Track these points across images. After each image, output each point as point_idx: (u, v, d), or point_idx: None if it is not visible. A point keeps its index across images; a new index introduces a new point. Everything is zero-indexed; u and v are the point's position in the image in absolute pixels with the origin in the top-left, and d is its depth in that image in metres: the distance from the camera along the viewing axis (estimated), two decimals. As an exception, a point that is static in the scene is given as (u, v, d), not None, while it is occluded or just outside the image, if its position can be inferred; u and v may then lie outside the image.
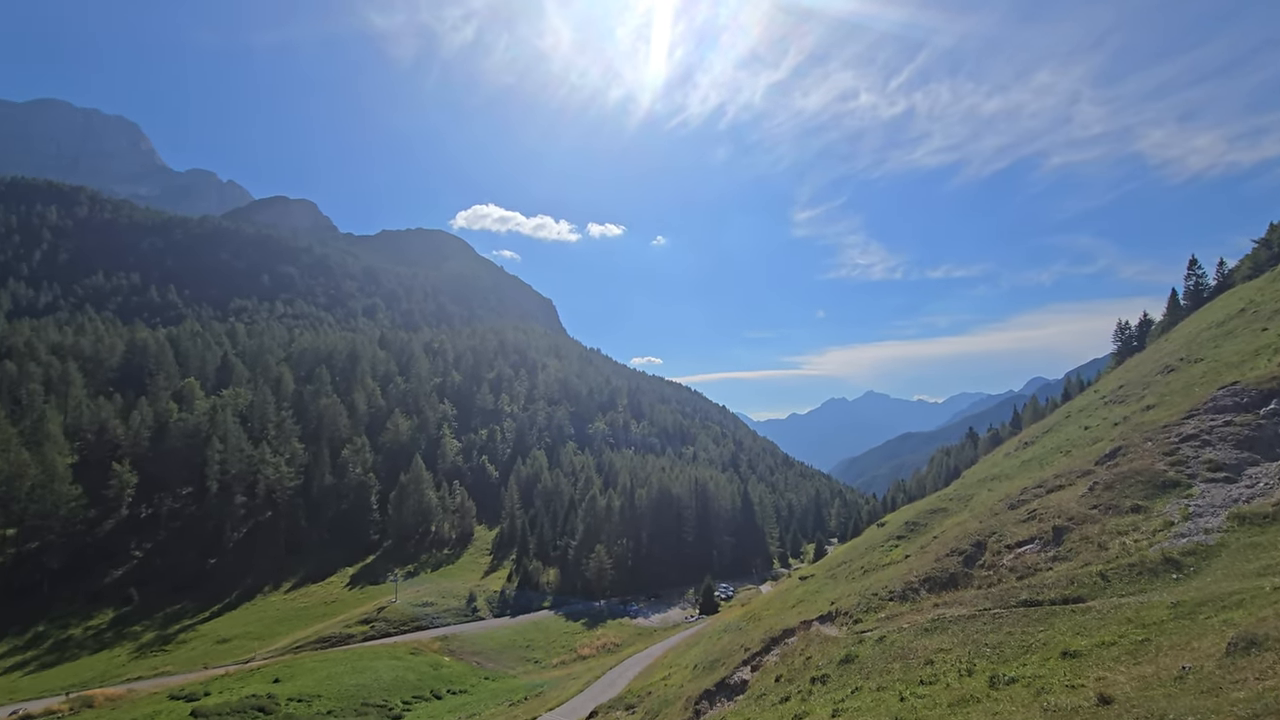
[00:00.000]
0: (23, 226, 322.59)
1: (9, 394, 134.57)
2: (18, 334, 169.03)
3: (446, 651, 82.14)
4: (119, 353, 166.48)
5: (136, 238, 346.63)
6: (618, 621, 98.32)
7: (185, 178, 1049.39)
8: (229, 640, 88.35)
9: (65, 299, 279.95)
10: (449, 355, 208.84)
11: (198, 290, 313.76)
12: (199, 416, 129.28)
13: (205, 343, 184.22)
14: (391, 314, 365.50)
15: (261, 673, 69.79)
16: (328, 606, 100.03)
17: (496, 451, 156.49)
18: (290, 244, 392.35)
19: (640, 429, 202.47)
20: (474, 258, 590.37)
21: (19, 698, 72.26)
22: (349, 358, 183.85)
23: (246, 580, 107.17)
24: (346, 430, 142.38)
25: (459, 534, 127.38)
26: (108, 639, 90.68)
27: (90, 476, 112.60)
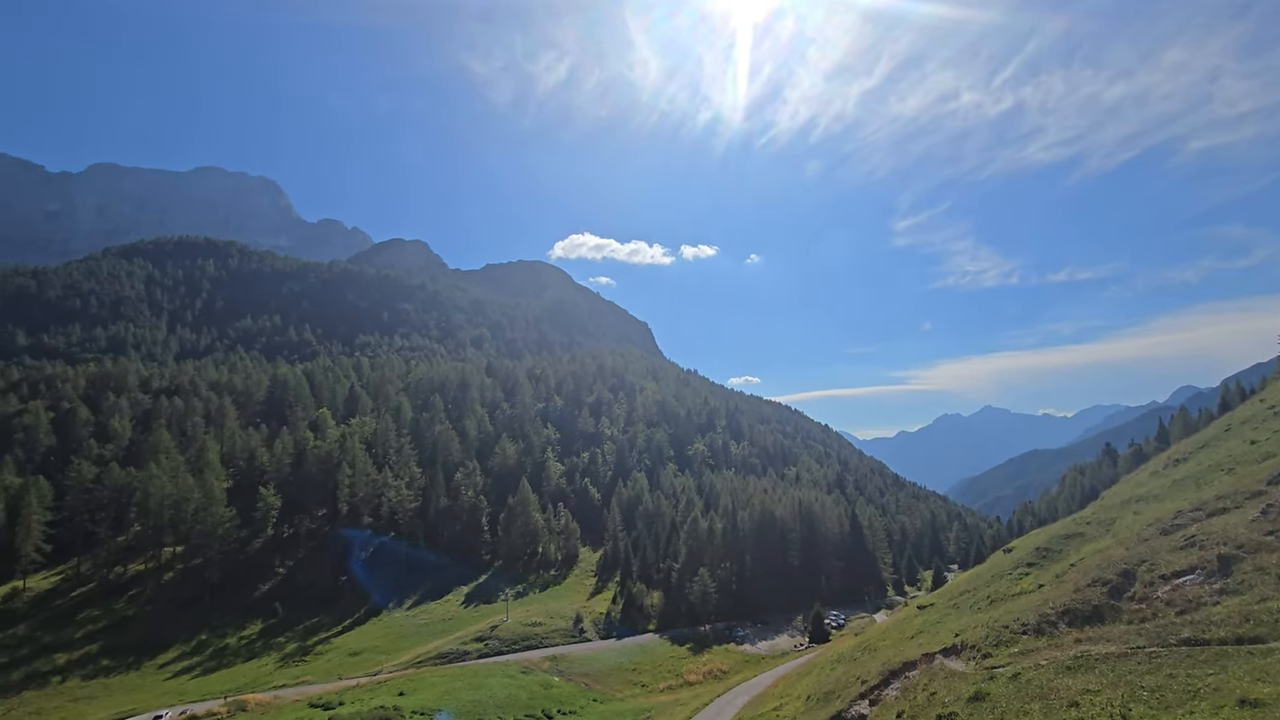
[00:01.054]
0: (187, 279, 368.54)
1: (177, 426, 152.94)
2: (184, 374, 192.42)
3: (556, 671, 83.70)
4: (264, 387, 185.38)
5: (277, 284, 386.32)
6: (723, 647, 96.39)
7: (317, 227, 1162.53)
8: (359, 653, 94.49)
9: (220, 341, 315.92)
10: (550, 381, 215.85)
11: (328, 328, 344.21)
12: (331, 444, 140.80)
13: (335, 376, 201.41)
14: (497, 343, 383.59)
15: (388, 685, 74.07)
16: (445, 624, 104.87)
17: (598, 474, 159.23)
18: (406, 282, 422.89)
19: (740, 450, 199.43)
20: (571, 285, 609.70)
21: (186, 699, 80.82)
22: (459, 386, 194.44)
23: (374, 597, 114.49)
24: (459, 455, 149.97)
25: (564, 555, 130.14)
26: (257, 648, 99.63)
27: (241, 499, 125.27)
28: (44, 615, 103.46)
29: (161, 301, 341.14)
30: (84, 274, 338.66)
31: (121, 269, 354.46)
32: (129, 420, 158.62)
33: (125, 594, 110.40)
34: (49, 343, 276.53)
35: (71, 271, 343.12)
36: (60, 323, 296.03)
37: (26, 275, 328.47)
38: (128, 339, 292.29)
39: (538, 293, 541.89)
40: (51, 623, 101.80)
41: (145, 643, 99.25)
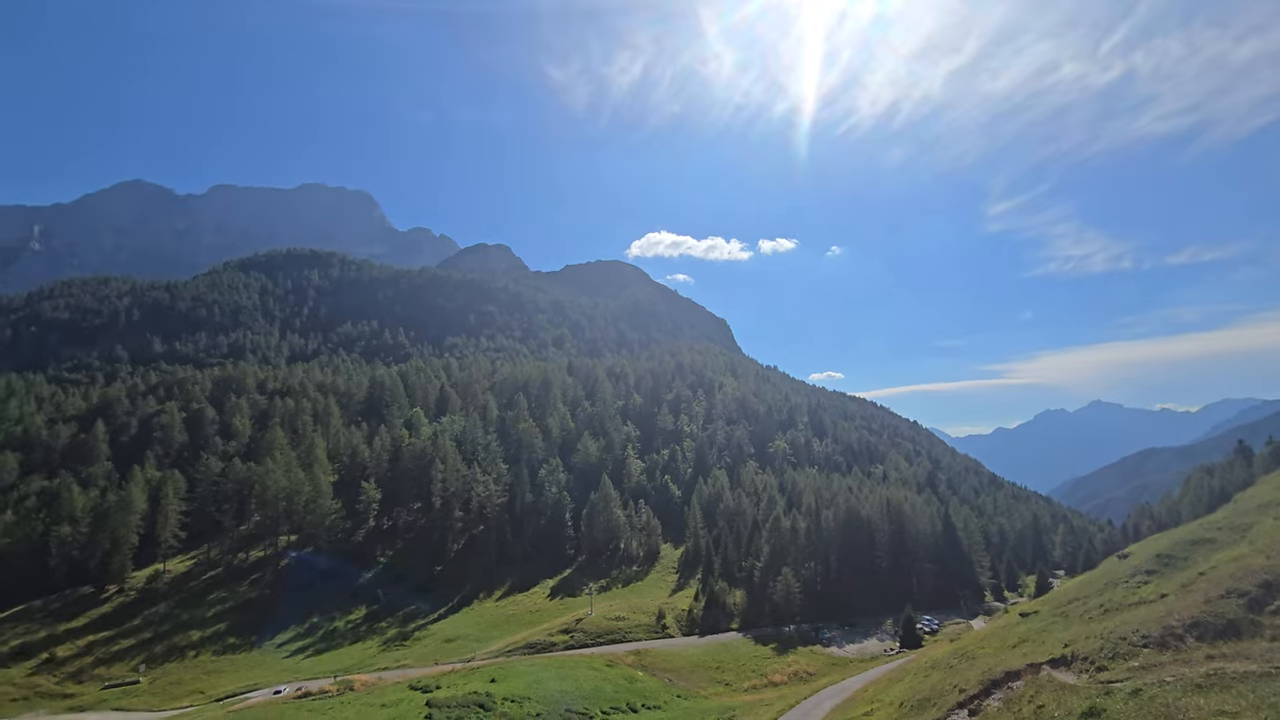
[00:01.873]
0: (295, 288, 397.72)
1: (289, 425, 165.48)
2: (294, 376, 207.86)
3: (639, 666, 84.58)
4: (364, 388, 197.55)
5: (374, 290, 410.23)
6: (809, 649, 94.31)
7: (408, 236, 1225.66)
8: (454, 640, 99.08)
9: (325, 345, 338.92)
10: (630, 379, 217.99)
11: (420, 331, 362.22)
12: (424, 441, 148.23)
13: (427, 376, 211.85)
14: (577, 342, 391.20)
15: (481, 672, 77.24)
16: (533, 615, 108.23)
17: (678, 471, 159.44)
18: (490, 285, 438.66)
19: (823, 447, 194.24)
20: (649, 284, 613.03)
21: (301, 677, 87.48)
22: (542, 385, 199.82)
23: (465, 587, 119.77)
24: (542, 452, 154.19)
25: (646, 551, 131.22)
26: (362, 632, 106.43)
27: (346, 493, 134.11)
28: (181, 595, 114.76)
29: (274, 310, 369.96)
30: (208, 286, 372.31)
31: (239, 281, 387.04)
32: (248, 419, 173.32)
33: (248, 578, 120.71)
34: (180, 349, 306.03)
35: (198, 284, 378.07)
36: (190, 331, 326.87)
37: (161, 289, 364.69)
38: (246, 345, 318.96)
39: (616, 292, 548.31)
40: (187, 602, 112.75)
41: (266, 623, 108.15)
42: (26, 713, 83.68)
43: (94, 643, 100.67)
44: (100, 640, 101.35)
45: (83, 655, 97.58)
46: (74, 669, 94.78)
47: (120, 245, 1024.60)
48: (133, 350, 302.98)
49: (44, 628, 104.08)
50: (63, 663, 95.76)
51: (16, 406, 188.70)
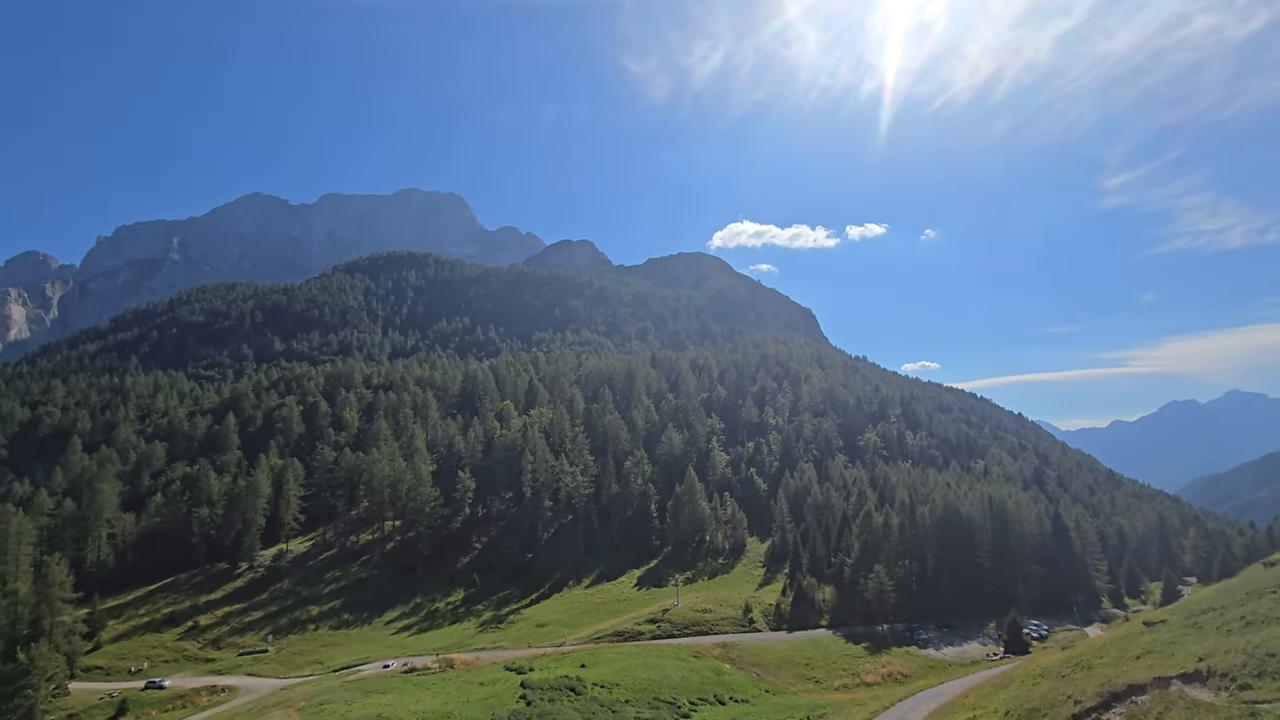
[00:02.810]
0: (395, 289, 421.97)
1: (392, 417, 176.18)
2: (395, 371, 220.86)
3: (727, 659, 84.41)
4: (458, 382, 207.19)
5: (466, 289, 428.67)
6: (904, 650, 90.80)
7: (496, 235, 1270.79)
8: (545, 625, 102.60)
9: (423, 342, 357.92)
10: (713, 371, 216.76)
11: (509, 327, 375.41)
12: (515, 433, 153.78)
13: (516, 371, 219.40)
14: (660, 335, 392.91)
15: (571, 657, 79.64)
16: (620, 604, 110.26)
17: (764, 464, 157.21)
18: (575, 281, 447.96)
19: (917, 440, 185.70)
20: (731, 275, 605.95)
21: (407, 653, 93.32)
22: (626, 378, 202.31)
23: (555, 574, 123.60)
24: (627, 444, 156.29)
25: (732, 544, 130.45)
26: (460, 614, 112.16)
27: (444, 481, 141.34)
28: (301, 573, 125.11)
29: (377, 309, 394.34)
30: (319, 289, 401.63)
31: (346, 283, 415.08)
32: (356, 412, 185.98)
33: (359, 559, 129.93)
34: (297, 347, 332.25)
35: (310, 287, 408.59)
36: (304, 330, 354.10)
37: (279, 292, 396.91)
38: (353, 342, 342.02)
39: (698, 284, 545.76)
40: (307, 580, 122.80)
41: (375, 601, 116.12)
42: (176, 673, 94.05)
43: (230, 614, 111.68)
44: (235, 612, 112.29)
45: (220, 625, 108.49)
46: (214, 636, 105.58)
47: (244, 253, 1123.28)
48: (256, 349, 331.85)
49: (188, 598, 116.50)
50: (205, 630, 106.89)
51: (163, 401, 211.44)
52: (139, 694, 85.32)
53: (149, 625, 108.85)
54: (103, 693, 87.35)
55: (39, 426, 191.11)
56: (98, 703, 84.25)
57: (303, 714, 59.09)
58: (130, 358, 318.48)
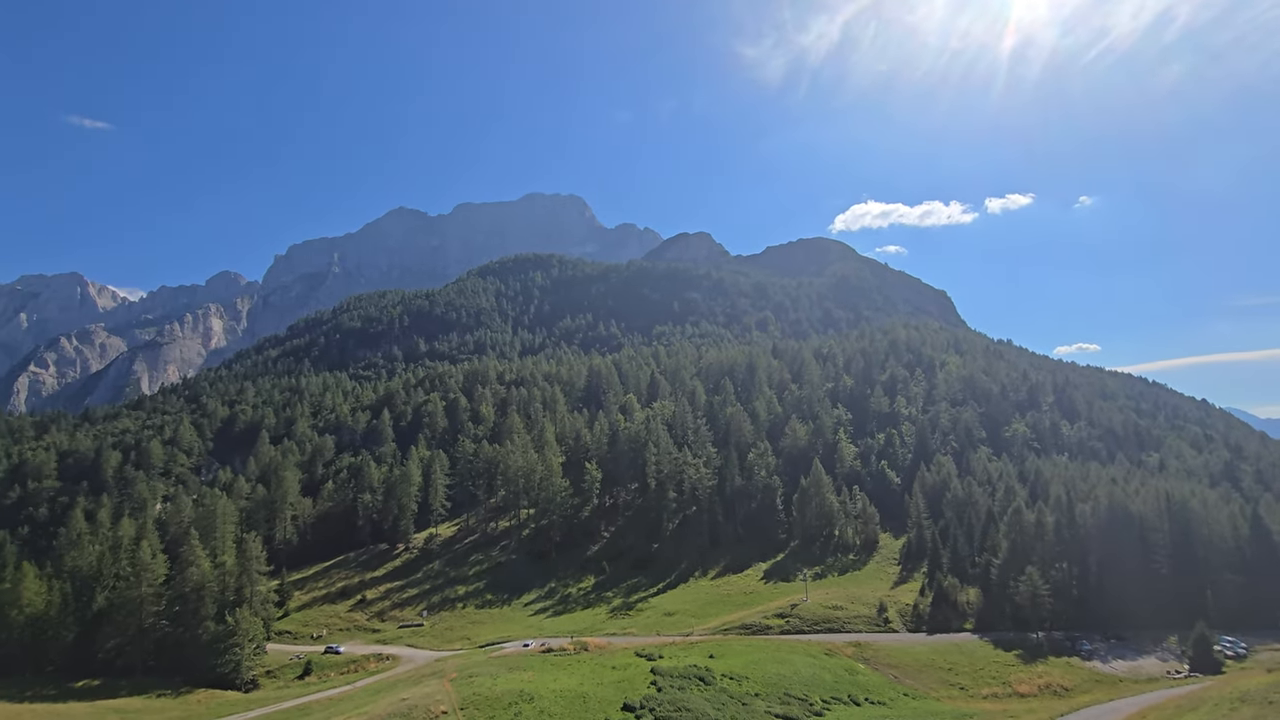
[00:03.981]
0: (523, 290, 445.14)
1: (523, 411, 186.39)
2: (525, 368, 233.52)
3: (860, 659, 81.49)
4: (583, 377, 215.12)
5: (588, 286, 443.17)
6: (1063, 660, 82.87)
7: (615, 233, 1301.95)
8: (673, 615, 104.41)
9: (549, 339, 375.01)
10: (838, 360, 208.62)
11: (630, 322, 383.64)
12: (638, 425, 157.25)
13: (638, 364, 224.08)
14: (781, 324, 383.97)
15: (699, 647, 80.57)
16: (746, 597, 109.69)
17: (896, 456, 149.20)
18: (692, 273, 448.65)
19: (1074, 431, 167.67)
20: (856, 259, 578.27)
21: (544, 634, 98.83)
22: (747, 369, 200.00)
23: (681, 565, 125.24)
24: (750, 436, 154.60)
25: (863, 540, 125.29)
26: (591, 599, 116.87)
27: (572, 472, 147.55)
28: (449, 556, 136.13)
29: (507, 310, 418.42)
30: (456, 293, 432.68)
31: (479, 286, 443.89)
32: (492, 407, 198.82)
33: (498, 544, 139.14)
34: (438, 347, 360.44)
35: (448, 292, 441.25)
36: (444, 331, 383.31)
37: (422, 298, 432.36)
38: (486, 342, 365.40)
39: (820, 270, 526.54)
40: (454, 562, 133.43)
41: (513, 584, 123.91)
42: (348, 641, 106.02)
43: (390, 590, 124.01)
44: (395, 588, 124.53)
45: (383, 599, 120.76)
46: (378, 609, 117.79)
47: (392, 263, 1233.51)
48: (404, 350, 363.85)
49: (356, 575, 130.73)
50: (371, 604, 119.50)
51: (330, 399, 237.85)
52: (320, 657, 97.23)
53: (325, 597, 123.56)
54: (291, 654, 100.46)
55: (236, 422, 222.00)
56: (288, 662, 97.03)
57: (455, 685, 64.52)
58: (304, 361, 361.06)
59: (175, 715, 78.98)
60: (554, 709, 57.46)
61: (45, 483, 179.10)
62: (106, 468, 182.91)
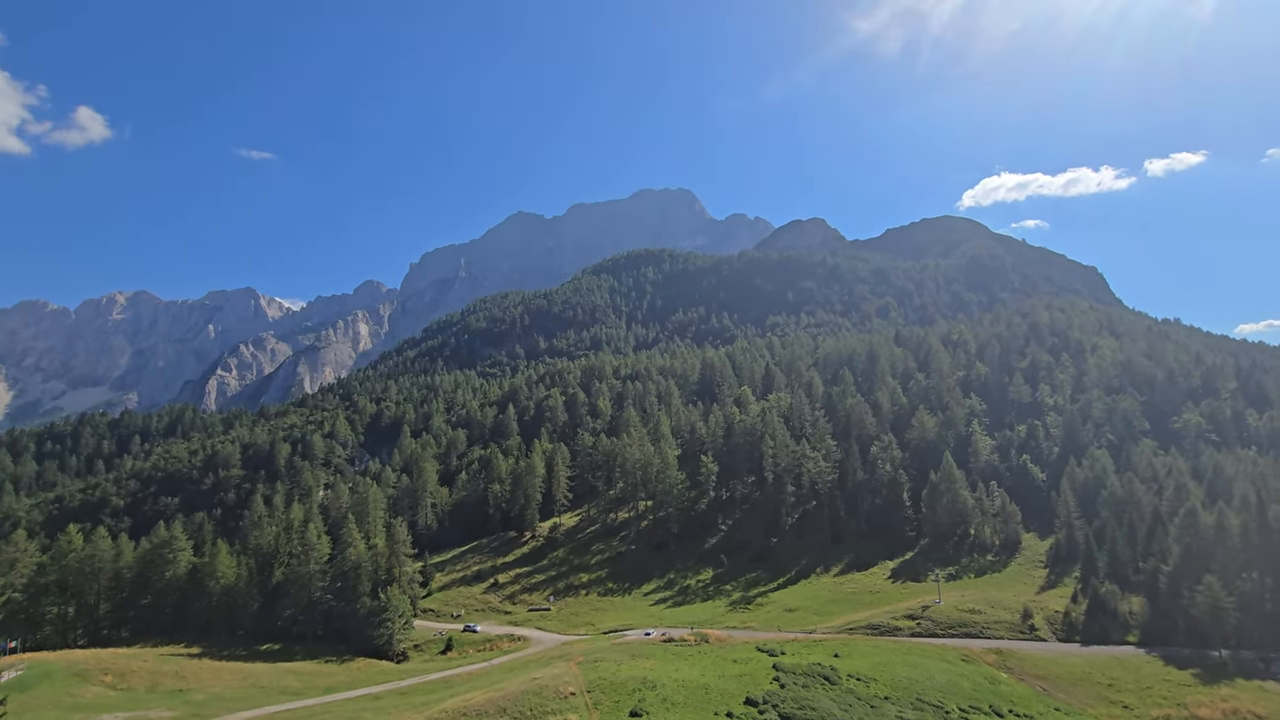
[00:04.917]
0: (635, 285, 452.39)
1: (639, 405, 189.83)
2: (640, 362, 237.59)
3: (1002, 667, 75.87)
4: (696, 370, 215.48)
5: (699, 279, 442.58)
6: (1254, 684, 72.34)
7: (725, 224, 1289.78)
8: (794, 611, 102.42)
9: (662, 333, 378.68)
10: (970, 346, 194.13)
11: (742, 313, 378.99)
12: (753, 418, 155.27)
13: (752, 356, 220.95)
14: (904, 310, 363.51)
15: (823, 645, 78.53)
16: (872, 596, 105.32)
17: (1039, 450, 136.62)
18: (806, 261, 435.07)
19: (1264, 422, 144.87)
20: (988, 237, 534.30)
21: (664, 624, 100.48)
22: (868, 358, 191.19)
23: (802, 560, 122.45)
24: (873, 428, 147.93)
25: (1003, 540, 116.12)
26: (709, 592, 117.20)
27: (688, 465, 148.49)
28: (572, 544, 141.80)
29: (621, 306, 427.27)
30: (572, 291, 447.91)
31: (593, 284, 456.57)
32: (608, 401, 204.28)
33: (618, 534, 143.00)
34: (557, 345, 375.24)
35: (565, 291, 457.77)
36: (562, 329, 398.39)
37: (541, 298, 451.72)
38: (602, 337, 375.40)
39: (946, 251, 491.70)
40: (576, 550, 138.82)
41: (633, 574, 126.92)
42: (483, 621, 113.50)
43: (519, 575, 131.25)
44: (523, 573, 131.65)
45: (513, 584, 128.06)
46: (509, 593, 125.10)
47: (512, 266, 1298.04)
48: (526, 348, 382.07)
49: (489, 560, 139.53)
50: (502, 587, 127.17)
51: (461, 396, 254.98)
52: (459, 635, 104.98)
53: (462, 579, 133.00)
54: (434, 631, 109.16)
55: (382, 418, 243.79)
56: (432, 638, 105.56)
57: (581, 668, 67.38)
58: (437, 360, 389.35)
59: (341, 679, 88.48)
60: (676, 697, 58.40)
61: (232, 471, 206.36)
62: (279, 458, 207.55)
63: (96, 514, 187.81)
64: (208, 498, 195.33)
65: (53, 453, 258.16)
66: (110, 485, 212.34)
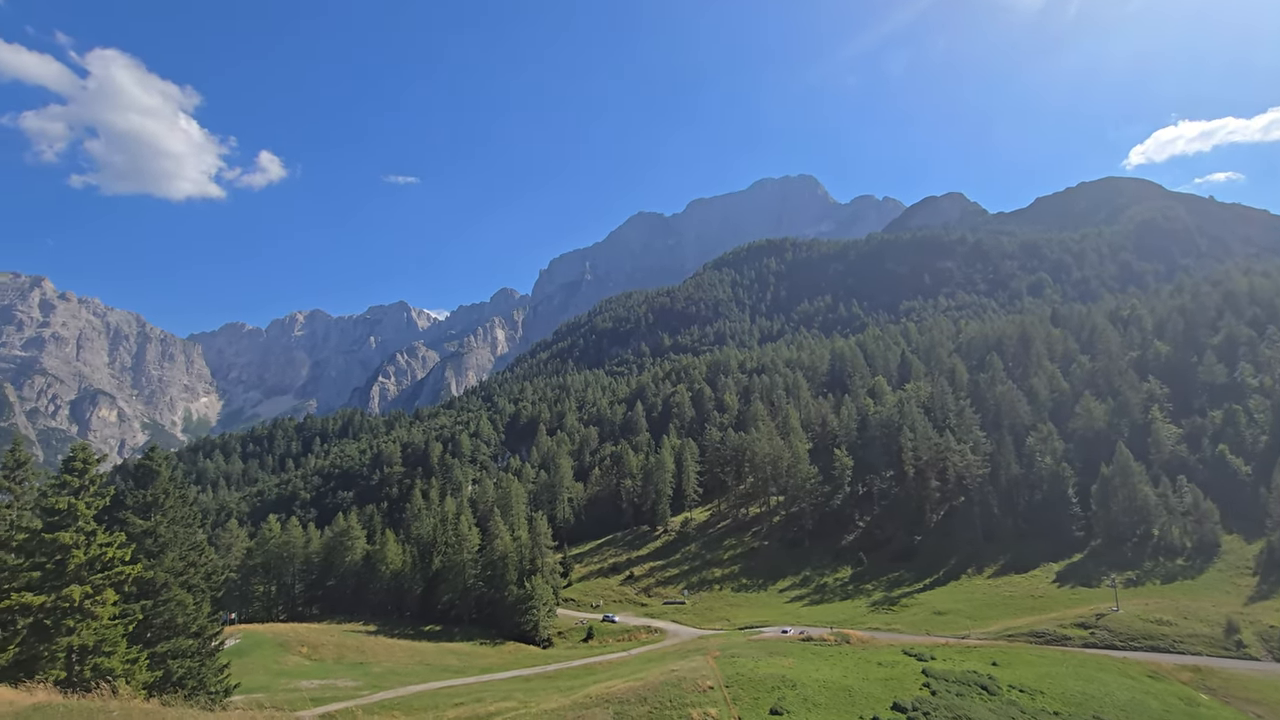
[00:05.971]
0: (758, 277, 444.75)
1: (765, 398, 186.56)
2: (765, 355, 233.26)
3: (1202, 687, 66.43)
4: (825, 361, 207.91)
5: (824, 267, 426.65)
6: None
7: (850, 207, 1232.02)
8: (944, 614, 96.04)
9: (787, 324, 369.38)
10: (1145, 323, 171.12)
11: (873, 300, 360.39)
12: (889, 409, 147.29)
13: (885, 344, 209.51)
14: (1061, 287, 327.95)
15: (979, 652, 73.03)
16: (1034, 601, 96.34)
17: (1241, 439, 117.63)
18: (943, 239, 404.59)
19: None
20: (1164, 196, 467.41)
21: (801, 622, 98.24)
22: (1019, 341, 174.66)
23: (950, 560, 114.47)
24: (1028, 417, 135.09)
25: (1196, 542, 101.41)
26: (849, 590, 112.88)
27: (821, 459, 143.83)
28: (703, 539, 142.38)
29: (744, 299, 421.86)
30: (694, 287, 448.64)
31: (715, 279, 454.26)
32: (734, 395, 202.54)
33: (750, 530, 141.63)
34: (681, 341, 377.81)
35: (687, 287, 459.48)
36: (685, 325, 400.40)
37: (664, 295, 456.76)
38: (726, 332, 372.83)
39: (1111, 217, 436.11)
40: (708, 545, 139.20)
41: (767, 570, 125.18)
42: (621, 612, 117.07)
43: (653, 568, 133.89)
44: (657, 567, 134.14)
45: (648, 576, 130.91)
46: (644, 585, 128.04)
47: (635, 266, 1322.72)
48: (651, 345, 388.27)
49: (624, 553, 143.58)
50: (638, 580, 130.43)
51: (591, 394, 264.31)
52: (599, 624, 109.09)
53: (599, 571, 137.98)
54: (575, 619, 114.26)
55: (519, 417, 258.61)
56: (574, 626, 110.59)
57: (718, 662, 67.65)
58: (567, 361, 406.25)
59: (494, 661, 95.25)
60: (817, 698, 56.97)
61: (394, 468, 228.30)
62: (433, 456, 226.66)
63: (289, 506, 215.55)
64: (375, 491, 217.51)
65: (253, 452, 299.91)
66: (299, 480, 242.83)
